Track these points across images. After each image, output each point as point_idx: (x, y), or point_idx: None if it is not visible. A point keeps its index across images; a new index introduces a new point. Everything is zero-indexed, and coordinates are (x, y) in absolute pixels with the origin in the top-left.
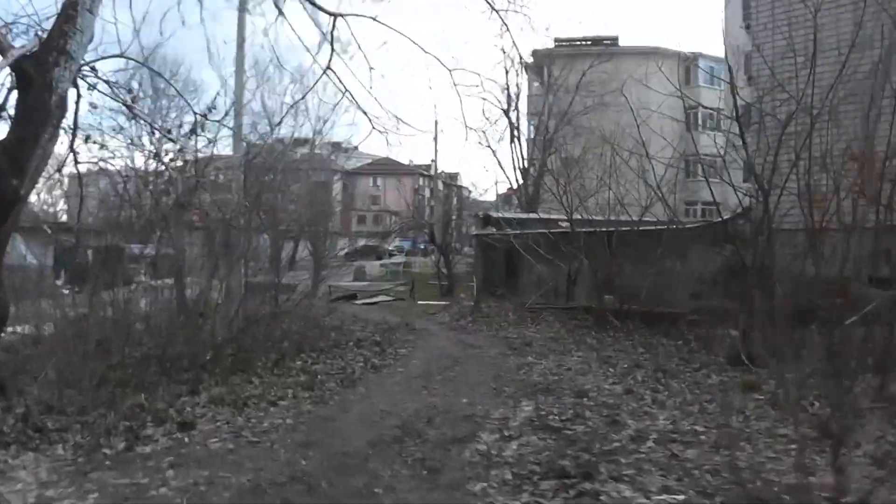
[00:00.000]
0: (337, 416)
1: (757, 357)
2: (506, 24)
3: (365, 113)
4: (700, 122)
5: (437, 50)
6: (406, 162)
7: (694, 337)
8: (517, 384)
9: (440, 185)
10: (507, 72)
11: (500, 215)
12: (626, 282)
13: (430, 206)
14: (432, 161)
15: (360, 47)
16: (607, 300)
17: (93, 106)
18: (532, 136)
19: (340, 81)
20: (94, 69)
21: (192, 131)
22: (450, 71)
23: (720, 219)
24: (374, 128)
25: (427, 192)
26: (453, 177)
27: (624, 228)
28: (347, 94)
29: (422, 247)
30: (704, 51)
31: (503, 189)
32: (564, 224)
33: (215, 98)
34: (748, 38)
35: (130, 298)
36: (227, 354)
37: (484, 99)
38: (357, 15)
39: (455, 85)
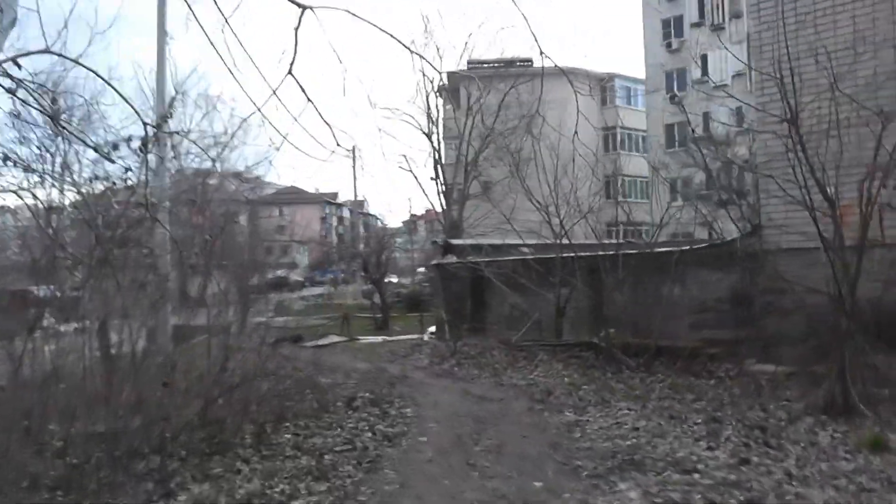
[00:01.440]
0: None
1: (857, 403)
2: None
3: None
4: (618, 142)
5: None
6: (312, 190)
7: (726, 374)
8: (586, 454)
9: (353, 212)
10: (427, 94)
11: (463, 242)
12: (622, 313)
13: (339, 235)
14: (356, 191)
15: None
16: (612, 335)
17: (15, 115)
18: (454, 159)
19: (303, 90)
20: (17, 65)
21: (144, 146)
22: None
23: (724, 239)
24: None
25: (334, 221)
26: (359, 204)
27: (623, 252)
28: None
29: (338, 276)
30: (621, 71)
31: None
32: (526, 250)
33: (171, 104)
34: (669, 58)
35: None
36: (198, 432)
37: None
38: (331, 7)
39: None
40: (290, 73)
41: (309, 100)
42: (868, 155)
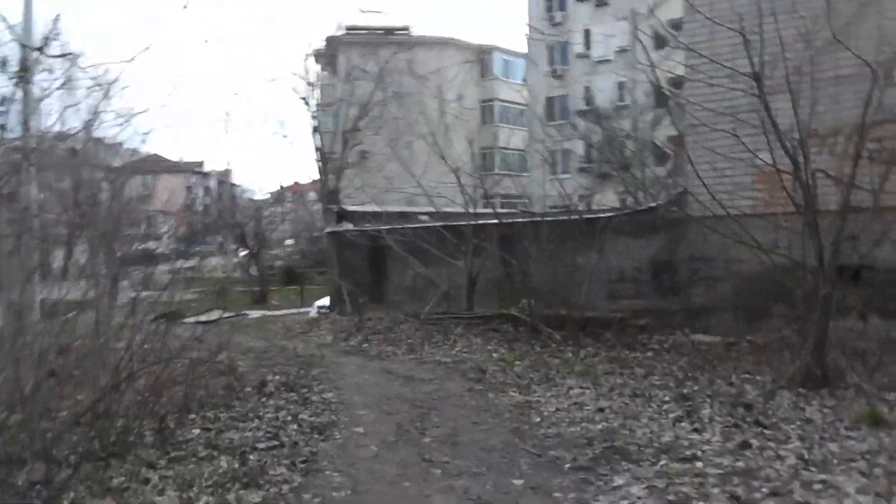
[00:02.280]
0: None
1: (837, 375)
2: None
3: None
4: (496, 115)
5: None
6: (176, 159)
7: (660, 346)
8: (557, 442)
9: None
10: (305, 58)
11: (360, 208)
12: (540, 283)
13: (205, 206)
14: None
15: None
16: (529, 305)
17: None
18: (332, 127)
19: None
20: None
21: (24, 72)
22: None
23: (644, 206)
24: None
25: (200, 192)
26: (226, 174)
27: (547, 219)
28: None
29: (207, 249)
30: (500, 44)
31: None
32: (425, 218)
33: (56, 22)
34: (552, 31)
35: None
36: (88, 433)
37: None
38: None
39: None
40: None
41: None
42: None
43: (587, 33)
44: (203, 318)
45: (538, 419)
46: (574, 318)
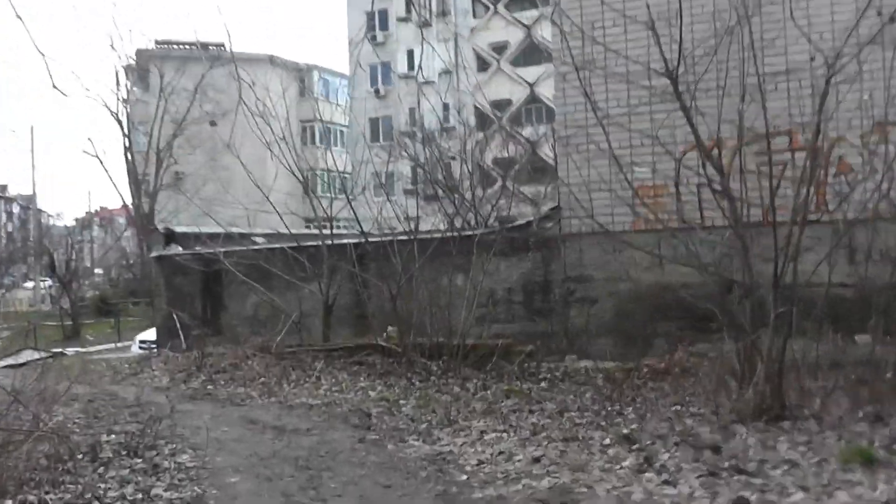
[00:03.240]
0: None
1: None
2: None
3: None
4: (317, 136)
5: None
6: None
7: (552, 374)
8: None
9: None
10: (116, 72)
11: (190, 229)
12: (406, 309)
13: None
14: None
15: None
16: (400, 333)
17: None
18: (145, 147)
19: None
20: None
21: None
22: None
23: (516, 223)
24: None
25: (2, 217)
26: (30, 199)
27: (418, 238)
28: None
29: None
30: (319, 63)
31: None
32: (260, 240)
33: None
34: (374, 51)
35: None
36: None
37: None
38: None
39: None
40: None
41: None
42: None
43: (410, 53)
44: (10, 360)
45: (464, 476)
46: (451, 347)
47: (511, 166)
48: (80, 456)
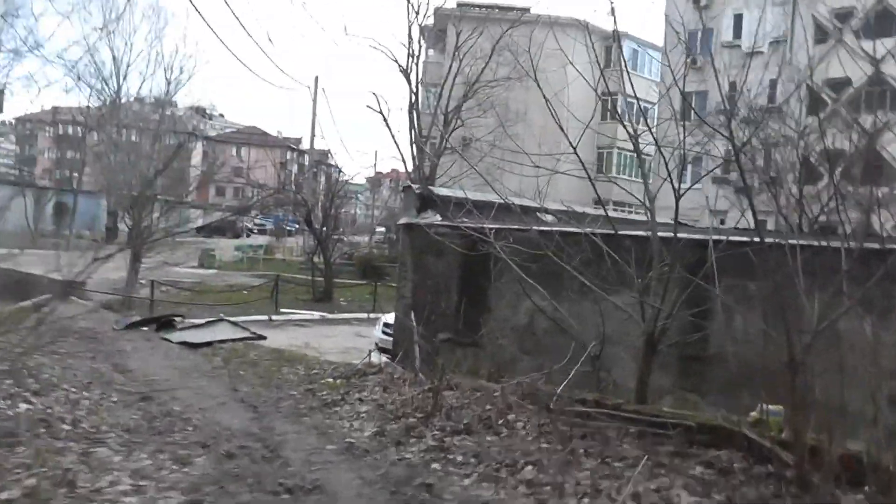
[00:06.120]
0: None
1: None
2: None
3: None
4: (620, 109)
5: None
6: (274, 133)
7: None
8: None
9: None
10: (409, 25)
11: (453, 193)
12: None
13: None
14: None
15: None
16: (784, 422)
17: None
18: (432, 107)
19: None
20: None
21: None
22: None
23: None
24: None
25: (295, 168)
26: (324, 154)
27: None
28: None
29: (288, 227)
30: (629, 31)
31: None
32: (550, 218)
33: None
34: (694, 15)
35: None
36: None
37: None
38: None
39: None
40: None
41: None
42: None
43: (738, 18)
44: (200, 333)
45: None
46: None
47: (838, 160)
48: None
